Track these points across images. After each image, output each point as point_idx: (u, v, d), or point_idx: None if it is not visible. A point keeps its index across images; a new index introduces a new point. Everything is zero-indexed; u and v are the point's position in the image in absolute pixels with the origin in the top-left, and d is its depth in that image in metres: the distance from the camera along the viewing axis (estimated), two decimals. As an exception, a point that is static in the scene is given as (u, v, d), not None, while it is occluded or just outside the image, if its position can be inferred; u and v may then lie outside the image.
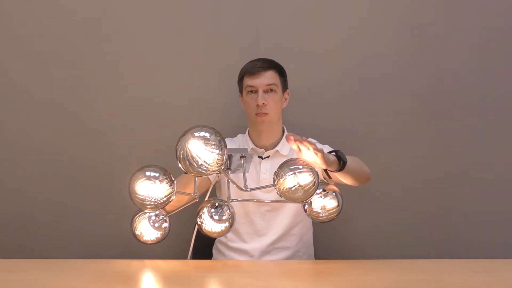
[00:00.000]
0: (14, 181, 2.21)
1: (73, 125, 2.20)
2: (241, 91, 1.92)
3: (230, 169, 1.53)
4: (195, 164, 1.36)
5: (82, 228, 2.22)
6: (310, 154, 1.49)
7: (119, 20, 2.18)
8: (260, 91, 1.83)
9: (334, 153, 1.60)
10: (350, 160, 1.65)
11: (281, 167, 1.46)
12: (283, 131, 1.95)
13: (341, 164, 1.59)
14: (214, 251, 1.94)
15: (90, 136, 2.20)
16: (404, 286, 1.38)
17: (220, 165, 1.38)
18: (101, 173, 2.20)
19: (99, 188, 2.21)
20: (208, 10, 2.19)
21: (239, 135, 2.00)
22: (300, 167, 1.44)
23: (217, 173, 1.51)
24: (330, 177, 1.70)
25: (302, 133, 1.98)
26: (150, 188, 1.42)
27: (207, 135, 1.36)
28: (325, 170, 1.67)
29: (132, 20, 2.19)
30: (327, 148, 1.84)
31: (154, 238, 1.59)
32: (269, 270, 1.59)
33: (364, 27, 2.20)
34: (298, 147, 1.50)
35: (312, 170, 1.44)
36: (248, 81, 1.86)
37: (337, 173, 1.62)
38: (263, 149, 1.90)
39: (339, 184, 1.66)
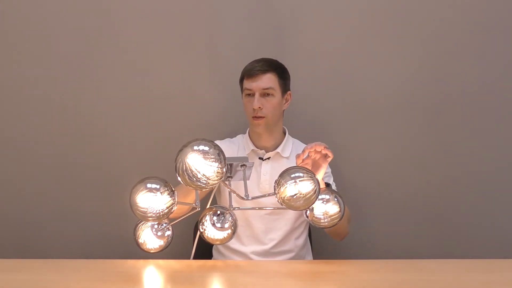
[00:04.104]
0: (14, 181, 2.22)
1: (73, 125, 2.20)
2: (241, 90, 1.92)
3: (231, 177, 1.53)
4: (194, 178, 1.35)
5: (82, 228, 2.22)
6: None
7: (119, 20, 2.18)
8: (257, 95, 1.82)
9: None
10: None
11: (281, 175, 1.45)
12: (284, 133, 1.95)
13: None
14: (214, 252, 1.94)
15: (90, 136, 2.20)
16: (404, 286, 1.38)
17: (220, 178, 1.38)
18: (101, 173, 2.21)
19: (99, 188, 2.21)
20: (208, 9, 2.19)
21: (239, 136, 2.00)
22: (301, 175, 1.43)
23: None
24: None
25: (303, 135, 2.00)
26: (152, 200, 1.41)
27: (206, 148, 1.35)
28: None
29: (132, 20, 2.18)
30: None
31: (158, 246, 1.59)
32: (269, 270, 1.59)
33: (366, 27, 2.20)
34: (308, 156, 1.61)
35: (313, 178, 1.43)
36: (246, 84, 1.85)
37: None
38: (263, 151, 1.90)
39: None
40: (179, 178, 1.36)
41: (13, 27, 2.18)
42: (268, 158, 1.89)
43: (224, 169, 1.37)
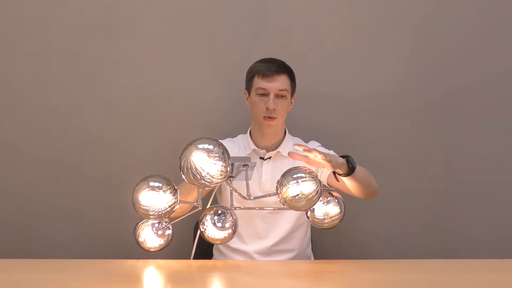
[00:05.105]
0: (14, 182, 2.21)
1: (73, 126, 2.20)
2: (248, 88, 1.90)
3: (233, 177, 1.53)
4: (198, 176, 1.36)
5: (82, 228, 2.22)
6: (319, 161, 1.54)
7: (119, 21, 2.18)
8: (272, 95, 1.82)
9: (344, 157, 1.61)
10: (360, 169, 1.66)
11: (284, 175, 1.45)
12: (285, 132, 1.95)
13: (350, 168, 1.61)
14: (214, 251, 1.94)
15: (90, 136, 2.20)
16: (404, 286, 1.38)
17: (224, 177, 1.39)
18: (102, 173, 2.20)
19: (100, 188, 2.21)
20: (209, 9, 2.19)
21: (240, 136, 2.00)
22: (303, 175, 1.43)
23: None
24: (338, 180, 1.68)
25: (304, 135, 2.00)
26: (154, 198, 1.43)
27: (211, 147, 1.37)
28: (334, 173, 1.66)
29: (132, 20, 2.18)
30: (332, 153, 1.84)
31: (158, 245, 1.60)
32: (270, 270, 1.59)
33: (367, 28, 2.20)
34: (307, 157, 1.55)
35: (315, 178, 1.44)
36: (260, 83, 1.84)
37: (345, 177, 1.64)
38: (264, 150, 1.90)
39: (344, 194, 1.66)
40: (183, 176, 1.37)
41: (11, 27, 2.17)
42: (269, 158, 1.89)
43: (228, 168, 1.38)
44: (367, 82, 2.21)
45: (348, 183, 1.68)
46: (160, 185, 1.43)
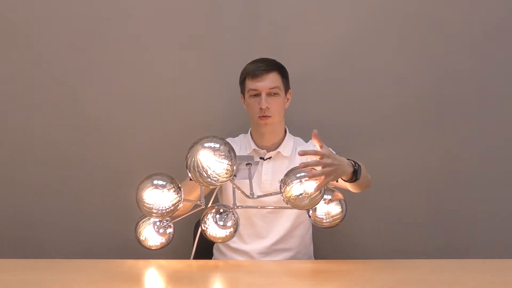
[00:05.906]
0: (14, 181, 2.22)
1: (74, 125, 2.20)
2: (243, 92, 1.91)
3: (235, 176, 1.53)
4: (205, 174, 1.38)
5: (82, 228, 2.22)
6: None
7: (120, 20, 2.18)
8: (264, 95, 1.82)
9: (352, 162, 1.57)
10: (361, 170, 1.63)
11: (287, 174, 1.46)
12: (285, 132, 1.95)
13: (353, 179, 1.58)
14: (214, 251, 1.94)
15: (91, 136, 2.20)
16: (405, 286, 1.38)
17: (230, 176, 1.40)
18: (102, 172, 2.21)
19: (100, 187, 2.21)
20: (208, 9, 2.19)
21: (241, 135, 2.00)
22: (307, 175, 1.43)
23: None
24: (336, 181, 1.67)
25: (303, 132, 2.00)
26: (158, 196, 1.44)
27: (217, 145, 1.39)
28: None
29: (133, 20, 2.18)
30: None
31: (159, 244, 1.60)
32: (270, 270, 1.59)
33: (365, 26, 2.20)
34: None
35: (318, 178, 1.44)
36: (250, 84, 1.84)
37: (346, 182, 1.63)
38: (265, 150, 1.90)
39: (342, 189, 1.66)
40: (190, 175, 1.39)
41: (14, 24, 2.18)
42: (269, 158, 1.89)
43: (234, 167, 1.38)
44: (367, 81, 2.21)
45: (348, 185, 1.68)
46: (164, 183, 1.45)
